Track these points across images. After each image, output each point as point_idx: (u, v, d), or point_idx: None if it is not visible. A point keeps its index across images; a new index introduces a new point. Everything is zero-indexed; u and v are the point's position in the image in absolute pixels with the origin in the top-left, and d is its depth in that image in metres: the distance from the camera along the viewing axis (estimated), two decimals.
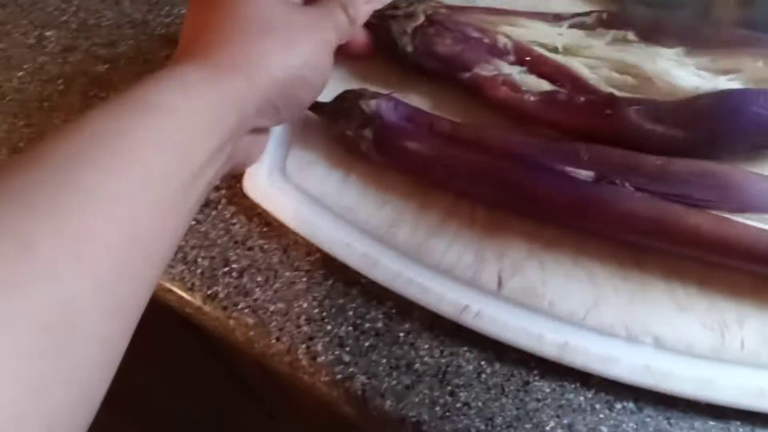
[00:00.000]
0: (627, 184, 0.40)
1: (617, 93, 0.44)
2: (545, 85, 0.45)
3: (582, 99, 0.43)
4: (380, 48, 0.48)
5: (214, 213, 0.48)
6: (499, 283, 0.42)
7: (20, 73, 0.55)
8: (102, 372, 0.28)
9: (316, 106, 0.46)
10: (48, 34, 0.57)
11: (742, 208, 0.39)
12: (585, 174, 0.40)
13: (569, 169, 0.41)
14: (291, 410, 0.88)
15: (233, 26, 0.38)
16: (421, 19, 0.47)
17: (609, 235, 0.41)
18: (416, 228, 0.44)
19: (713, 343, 0.39)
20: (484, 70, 0.46)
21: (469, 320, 0.41)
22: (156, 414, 1.06)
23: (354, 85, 0.49)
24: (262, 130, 0.39)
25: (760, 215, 0.38)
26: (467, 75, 0.46)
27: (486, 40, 0.46)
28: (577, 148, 0.41)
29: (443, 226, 0.44)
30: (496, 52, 0.46)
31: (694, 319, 0.40)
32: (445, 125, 0.44)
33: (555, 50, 0.47)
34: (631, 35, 0.46)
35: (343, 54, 0.45)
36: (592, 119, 0.43)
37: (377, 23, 0.47)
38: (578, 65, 0.45)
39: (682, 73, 0.44)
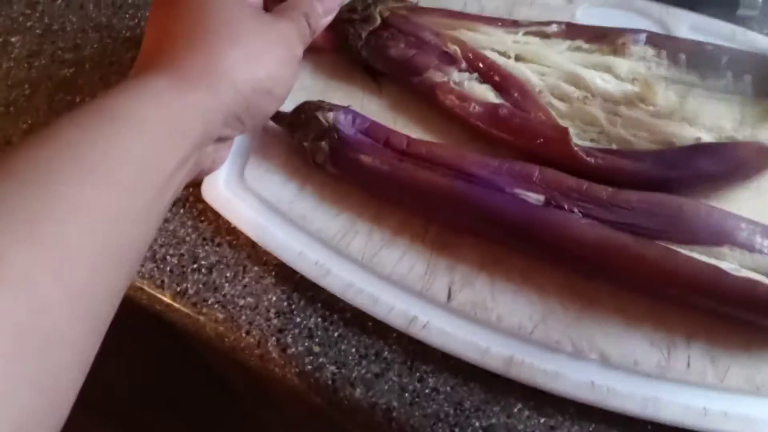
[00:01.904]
0: (576, 210, 0.40)
1: (560, 104, 0.45)
2: (492, 96, 0.46)
3: (518, 120, 0.44)
4: (340, 48, 0.49)
5: (182, 211, 0.48)
6: (449, 296, 0.42)
7: None
8: (73, 376, 0.29)
9: (276, 116, 0.46)
10: (13, 39, 0.57)
11: (691, 240, 0.39)
12: (535, 197, 0.41)
13: (519, 191, 0.41)
14: (271, 408, 0.88)
15: (198, 35, 0.37)
16: (378, 22, 0.47)
17: (556, 259, 0.42)
18: (369, 239, 0.44)
19: (659, 361, 0.40)
20: (435, 76, 0.46)
21: (417, 331, 0.41)
22: (132, 416, 1.05)
23: (321, 78, 0.50)
24: (226, 139, 0.40)
25: (708, 248, 0.39)
26: (418, 79, 0.47)
27: (439, 46, 0.47)
28: (530, 170, 0.42)
29: (396, 238, 0.44)
30: (448, 58, 0.47)
31: (641, 336, 0.40)
32: (400, 141, 0.44)
33: (508, 56, 0.47)
34: (583, 43, 0.47)
35: (309, 48, 0.46)
36: (528, 141, 0.44)
37: (335, 25, 0.47)
38: (528, 73, 0.46)
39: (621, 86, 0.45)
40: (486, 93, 0.45)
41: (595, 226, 0.39)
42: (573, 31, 0.47)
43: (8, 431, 0.25)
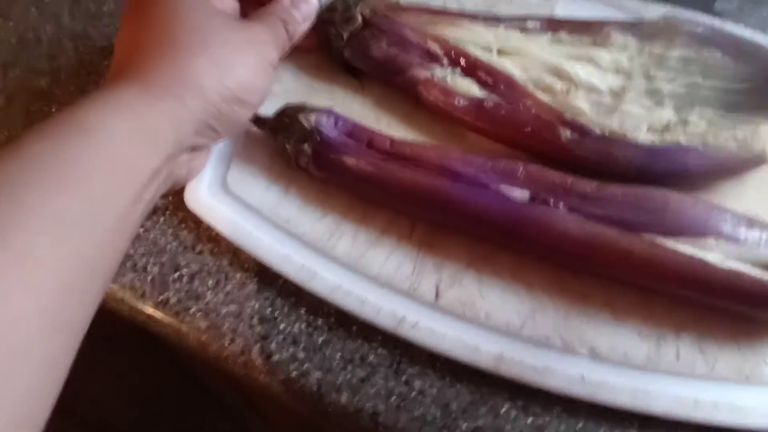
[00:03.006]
0: (561, 205, 0.40)
1: (544, 96, 0.44)
2: (476, 90, 0.45)
3: (504, 111, 0.44)
4: (322, 48, 0.49)
5: (162, 219, 0.47)
6: (437, 295, 0.42)
7: None
8: (46, 391, 0.28)
9: (258, 120, 0.46)
10: None
11: (677, 232, 0.39)
12: (520, 194, 0.41)
13: (504, 188, 0.41)
14: (258, 418, 0.87)
15: (165, 44, 0.37)
16: (359, 22, 0.47)
17: (543, 255, 0.42)
18: (355, 240, 0.44)
19: (649, 353, 0.40)
20: (418, 74, 0.46)
21: (406, 331, 0.41)
22: (119, 429, 1.04)
23: (303, 79, 0.49)
24: (200, 148, 0.39)
25: (695, 239, 0.39)
26: (401, 78, 0.46)
27: (421, 44, 0.46)
28: (514, 167, 0.41)
29: (382, 238, 0.44)
30: (430, 55, 0.46)
31: (630, 329, 0.40)
32: (384, 142, 0.44)
33: (490, 51, 0.47)
34: (564, 36, 0.47)
35: (291, 49, 0.45)
36: (515, 132, 0.44)
37: (317, 26, 0.47)
38: (511, 67, 0.46)
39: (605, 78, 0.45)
40: (470, 87, 0.45)
41: (581, 220, 0.39)
42: (554, 24, 0.47)
43: None
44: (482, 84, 0.45)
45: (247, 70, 0.38)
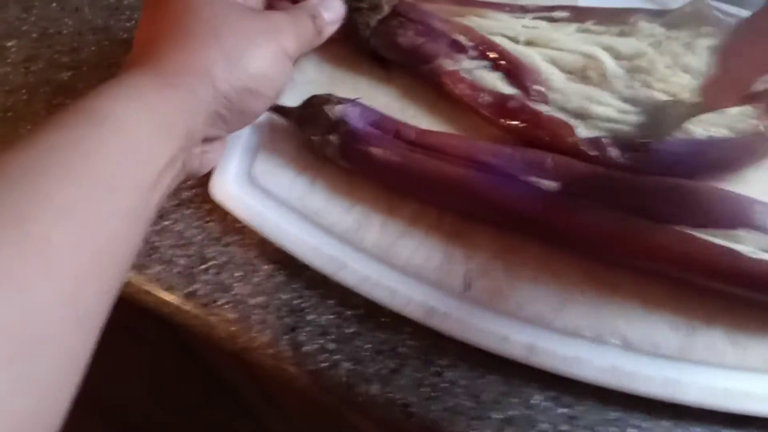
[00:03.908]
0: (591, 196, 0.40)
1: (574, 81, 0.44)
2: (502, 85, 0.45)
3: (527, 113, 0.44)
4: (347, 37, 0.48)
5: (188, 212, 0.47)
6: (466, 285, 0.42)
7: None
8: (66, 380, 0.28)
9: (283, 111, 0.46)
10: (9, 44, 0.56)
11: (707, 224, 0.39)
12: (549, 184, 0.41)
13: (533, 179, 0.41)
14: (277, 414, 0.87)
15: (179, 34, 0.37)
16: (386, 11, 0.47)
17: (573, 246, 0.42)
18: (384, 231, 0.44)
19: (680, 344, 0.40)
20: (444, 64, 0.46)
21: (436, 323, 0.41)
22: (135, 420, 1.05)
23: (326, 69, 0.49)
24: (215, 138, 0.39)
25: (725, 231, 0.39)
26: (427, 68, 0.46)
27: (448, 34, 0.46)
28: (543, 158, 0.41)
29: (411, 229, 0.44)
30: (457, 45, 0.46)
31: (661, 319, 0.40)
32: (410, 132, 0.44)
33: (517, 41, 0.47)
34: (591, 25, 0.47)
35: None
36: (536, 135, 0.44)
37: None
38: (538, 58, 0.45)
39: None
40: (496, 82, 0.45)
41: (611, 212, 0.39)
42: (581, 14, 0.47)
43: None
44: (508, 76, 0.45)
45: (260, 60, 0.38)
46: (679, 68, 0.44)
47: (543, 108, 0.44)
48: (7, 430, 0.25)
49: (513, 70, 0.45)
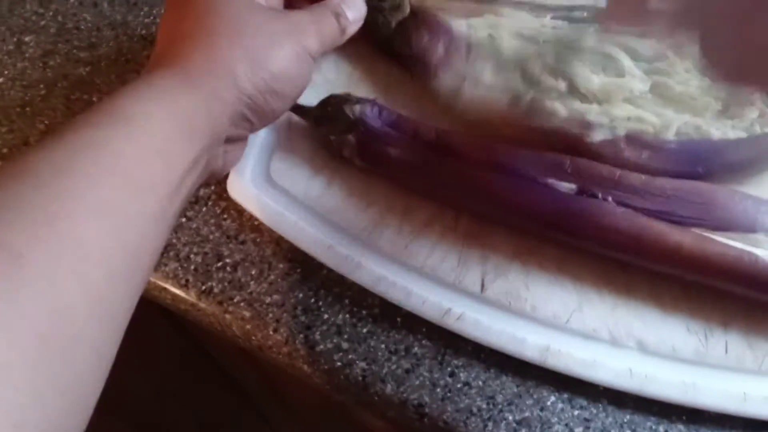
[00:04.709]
0: (609, 198, 0.40)
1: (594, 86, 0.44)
2: (511, 94, 0.45)
3: (535, 124, 0.43)
4: (366, 37, 0.48)
5: (204, 209, 0.48)
6: (482, 287, 0.42)
7: (0, 80, 0.54)
8: (95, 378, 0.29)
9: (301, 110, 0.46)
10: (27, 39, 0.57)
11: (726, 227, 0.39)
12: (567, 186, 0.40)
13: (552, 181, 0.41)
14: (285, 412, 0.88)
15: (202, 34, 0.37)
16: (408, 10, 0.47)
17: (591, 248, 0.41)
18: (400, 231, 0.44)
19: (697, 347, 0.39)
20: (457, 71, 0.45)
21: (451, 323, 0.41)
22: (143, 415, 1.05)
23: (344, 68, 0.49)
24: (237, 138, 0.39)
25: (743, 234, 0.38)
26: (439, 72, 0.46)
27: (463, 40, 0.46)
28: (561, 160, 0.41)
29: (427, 230, 0.44)
30: (471, 51, 0.46)
31: (678, 322, 0.40)
32: (429, 133, 0.44)
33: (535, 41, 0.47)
34: (612, 26, 0.46)
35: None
36: (547, 142, 0.43)
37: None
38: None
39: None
40: (505, 92, 0.45)
41: (630, 214, 0.39)
42: (601, 15, 0.46)
43: None
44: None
45: (282, 60, 0.38)
46: (698, 71, 0.44)
47: (560, 108, 0.44)
48: (40, 431, 0.25)
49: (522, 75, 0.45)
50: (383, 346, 0.42)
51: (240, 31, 0.37)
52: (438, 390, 0.41)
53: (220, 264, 0.46)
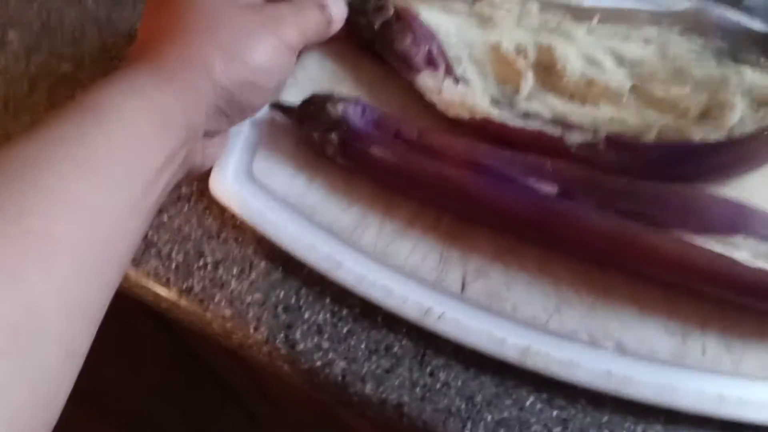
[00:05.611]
0: (589, 200, 0.40)
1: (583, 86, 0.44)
2: (487, 104, 0.45)
3: (510, 130, 0.43)
4: (350, 35, 0.48)
5: (186, 207, 0.47)
6: (463, 286, 0.42)
7: None
8: (65, 373, 0.29)
9: (284, 109, 0.46)
10: (10, 35, 0.56)
11: (706, 230, 0.39)
12: (548, 188, 0.40)
13: (532, 182, 0.41)
14: (272, 410, 0.87)
15: (178, 29, 0.37)
16: (391, 12, 0.47)
17: (570, 250, 0.41)
18: (381, 230, 0.44)
19: (675, 349, 0.39)
20: (432, 77, 0.45)
21: (431, 323, 0.41)
22: (134, 417, 1.05)
23: (328, 66, 0.49)
24: (216, 133, 0.39)
25: (723, 237, 0.38)
26: (417, 77, 0.46)
27: (443, 48, 0.46)
28: (542, 161, 0.41)
29: (408, 229, 0.44)
30: (448, 60, 0.46)
31: (656, 324, 0.40)
32: (412, 131, 0.43)
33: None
34: (597, 26, 0.46)
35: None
36: (524, 147, 0.43)
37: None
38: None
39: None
40: (482, 101, 0.44)
41: (609, 216, 0.39)
42: (586, 14, 0.46)
43: (1, 428, 0.25)
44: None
45: (259, 53, 0.38)
46: (680, 77, 0.44)
47: (541, 110, 0.44)
48: (4, 423, 0.25)
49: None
50: (363, 345, 0.42)
51: (216, 25, 0.37)
52: (417, 390, 0.41)
53: (201, 262, 0.46)
